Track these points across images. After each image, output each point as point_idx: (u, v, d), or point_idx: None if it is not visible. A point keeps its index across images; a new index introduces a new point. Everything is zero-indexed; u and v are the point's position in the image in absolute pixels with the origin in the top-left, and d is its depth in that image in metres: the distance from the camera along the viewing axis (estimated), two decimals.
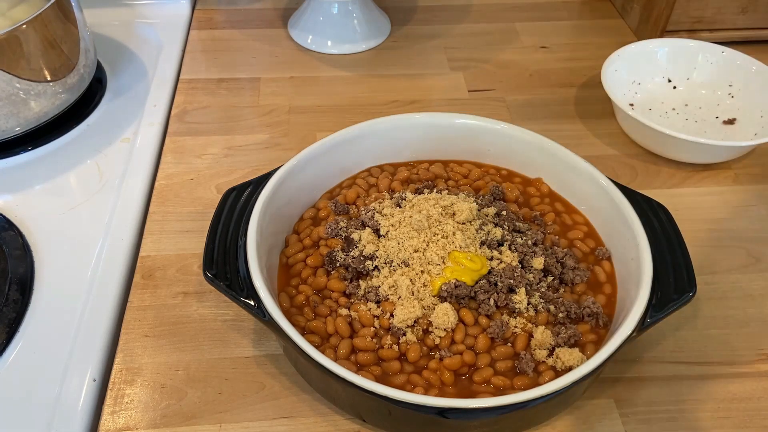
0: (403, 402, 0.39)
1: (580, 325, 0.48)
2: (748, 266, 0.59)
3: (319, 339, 0.47)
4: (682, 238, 0.49)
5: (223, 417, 0.47)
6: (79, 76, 0.70)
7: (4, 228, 0.59)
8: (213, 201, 0.54)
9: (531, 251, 0.50)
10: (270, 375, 0.50)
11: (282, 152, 0.69)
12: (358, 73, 0.81)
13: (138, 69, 0.80)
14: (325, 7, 0.84)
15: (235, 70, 0.81)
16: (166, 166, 0.67)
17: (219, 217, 0.50)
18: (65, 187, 0.65)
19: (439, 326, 0.46)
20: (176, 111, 0.74)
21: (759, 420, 0.48)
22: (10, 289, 0.54)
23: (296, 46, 0.85)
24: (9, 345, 0.51)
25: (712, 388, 0.50)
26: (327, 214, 0.55)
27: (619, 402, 0.49)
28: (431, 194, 0.54)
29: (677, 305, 0.45)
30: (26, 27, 0.61)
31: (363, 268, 0.49)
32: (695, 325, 0.54)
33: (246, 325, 0.53)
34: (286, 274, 0.52)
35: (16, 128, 0.66)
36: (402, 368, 0.45)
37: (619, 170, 0.68)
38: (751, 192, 0.66)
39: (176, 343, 0.52)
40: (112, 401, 0.48)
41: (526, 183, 0.59)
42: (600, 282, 0.51)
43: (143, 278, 0.56)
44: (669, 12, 0.81)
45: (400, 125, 0.59)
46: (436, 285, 0.47)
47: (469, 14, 0.92)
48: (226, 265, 0.47)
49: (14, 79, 0.62)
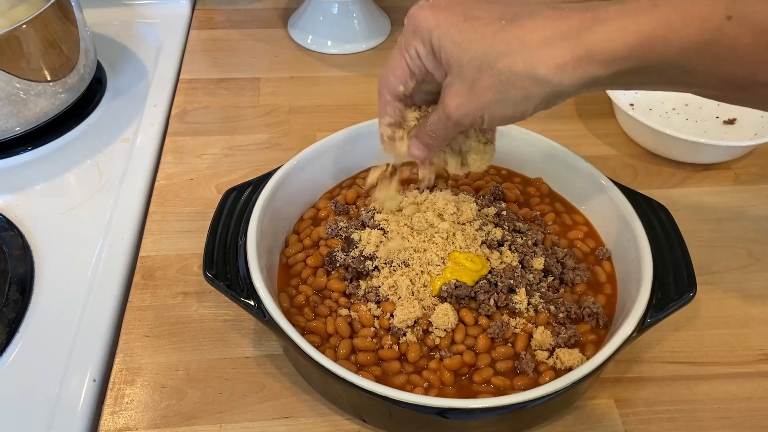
0: (403, 402, 0.39)
1: (580, 326, 0.48)
2: (748, 266, 0.59)
3: (319, 339, 0.47)
4: (682, 238, 0.49)
5: (223, 417, 0.47)
6: (79, 76, 0.70)
7: (4, 228, 0.59)
8: (213, 201, 0.54)
9: (531, 251, 0.50)
10: (270, 375, 0.50)
11: (282, 152, 0.69)
12: (358, 73, 0.81)
13: (138, 69, 0.80)
14: (325, 7, 0.84)
15: (235, 70, 0.81)
16: (166, 166, 0.67)
17: (219, 217, 0.50)
18: (65, 187, 0.65)
19: (439, 326, 0.46)
20: (176, 111, 0.74)
21: (759, 420, 0.48)
22: (10, 289, 0.54)
23: (296, 46, 0.85)
24: (9, 345, 0.51)
25: (712, 388, 0.50)
26: (327, 214, 0.55)
27: (619, 402, 0.49)
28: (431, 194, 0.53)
29: (677, 305, 0.45)
30: (26, 27, 0.61)
31: (363, 268, 0.49)
32: (695, 325, 0.54)
33: (246, 325, 0.53)
34: (286, 274, 0.52)
35: (16, 128, 0.66)
36: (402, 368, 0.45)
37: (619, 170, 0.68)
38: (751, 192, 0.66)
39: (176, 343, 0.52)
40: (112, 401, 0.48)
41: (526, 183, 0.59)
42: (600, 282, 0.51)
43: (143, 278, 0.56)
44: None
45: None
46: (436, 285, 0.47)
47: None
48: (226, 265, 0.47)
49: (14, 79, 0.62)
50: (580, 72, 0.36)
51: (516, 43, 0.37)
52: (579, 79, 0.36)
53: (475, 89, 0.38)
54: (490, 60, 0.37)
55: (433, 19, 0.39)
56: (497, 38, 0.37)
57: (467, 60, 0.38)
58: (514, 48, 0.37)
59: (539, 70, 0.36)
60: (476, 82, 0.38)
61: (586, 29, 0.35)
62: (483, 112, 0.39)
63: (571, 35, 0.36)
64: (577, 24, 0.36)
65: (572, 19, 0.36)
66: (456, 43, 0.38)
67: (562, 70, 0.36)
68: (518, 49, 0.37)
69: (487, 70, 0.37)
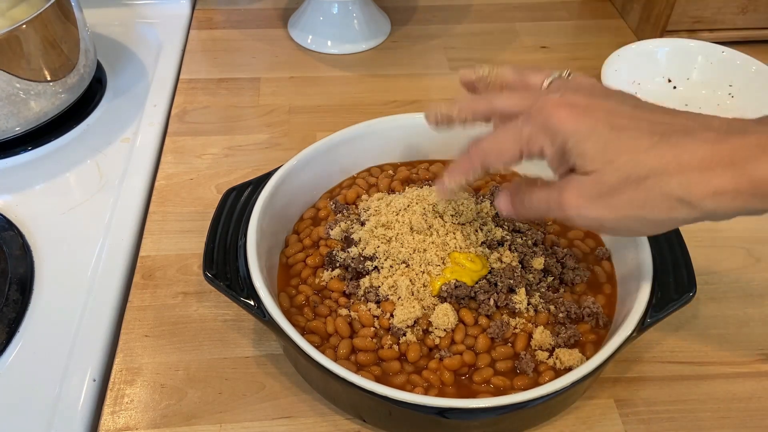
0: (403, 402, 0.39)
1: (580, 326, 0.48)
2: (748, 266, 0.59)
3: (319, 339, 0.47)
4: (682, 238, 0.49)
5: (223, 417, 0.47)
6: (79, 76, 0.70)
7: (4, 228, 0.59)
8: (213, 201, 0.54)
9: (531, 251, 0.50)
10: (270, 375, 0.50)
11: (282, 152, 0.69)
12: (358, 73, 0.81)
13: (138, 69, 0.80)
14: (325, 7, 0.84)
15: (235, 70, 0.81)
16: (166, 166, 0.67)
17: (219, 217, 0.50)
18: (65, 187, 0.65)
19: (439, 326, 0.46)
20: (176, 111, 0.74)
21: (759, 420, 0.48)
22: (10, 289, 0.54)
23: (296, 46, 0.85)
24: (9, 345, 0.51)
25: (712, 388, 0.50)
26: (327, 214, 0.55)
27: (619, 402, 0.49)
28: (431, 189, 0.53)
29: (677, 305, 0.45)
30: (26, 27, 0.61)
31: (363, 268, 0.49)
32: (695, 325, 0.54)
33: (246, 325, 0.53)
34: (286, 274, 0.52)
35: (16, 128, 0.66)
36: (402, 368, 0.45)
37: None
38: None
39: (176, 343, 0.52)
40: (112, 401, 0.48)
41: None
42: (600, 282, 0.51)
43: (143, 278, 0.56)
44: (669, 12, 0.81)
45: (400, 125, 0.59)
46: (436, 285, 0.47)
47: (469, 14, 0.92)
48: (226, 265, 0.47)
49: (14, 79, 0.62)
50: (738, 204, 0.34)
51: (673, 163, 0.34)
52: (734, 210, 0.34)
53: (610, 201, 0.36)
54: (640, 175, 0.35)
55: (572, 124, 0.36)
56: (651, 154, 0.35)
57: (612, 169, 0.35)
58: (670, 168, 0.34)
59: (694, 194, 0.34)
60: (614, 194, 0.36)
61: (753, 158, 0.33)
62: (609, 224, 0.37)
63: (734, 163, 0.33)
64: (743, 151, 0.33)
65: (733, 143, 0.33)
66: (602, 150, 0.36)
67: (719, 198, 0.34)
68: (675, 170, 0.34)
69: (633, 184, 0.35)
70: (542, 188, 0.40)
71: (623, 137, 0.35)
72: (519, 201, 0.42)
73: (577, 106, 0.37)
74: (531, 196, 0.41)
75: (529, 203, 0.41)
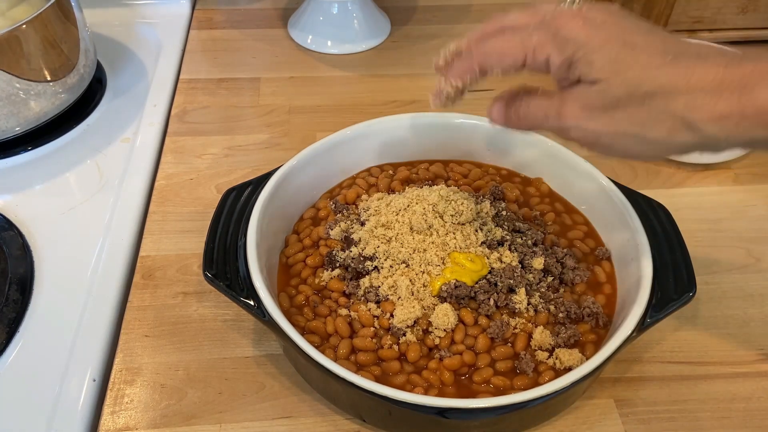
0: (403, 402, 0.39)
1: (580, 325, 0.48)
2: (748, 266, 0.59)
3: (318, 339, 0.47)
4: (682, 238, 0.49)
5: (223, 417, 0.47)
6: (79, 76, 0.70)
7: (4, 228, 0.59)
8: (213, 201, 0.54)
9: (531, 251, 0.50)
10: (270, 375, 0.50)
11: (282, 152, 0.69)
12: (358, 73, 0.81)
13: (138, 69, 0.80)
14: (325, 7, 0.84)
15: (235, 70, 0.81)
16: (166, 166, 0.67)
17: (219, 217, 0.50)
18: (65, 187, 0.65)
19: (438, 326, 0.46)
20: (176, 111, 0.74)
21: (759, 420, 0.48)
22: (10, 289, 0.54)
23: (296, 46, 0.85)
24: (9, 345, 0.51)
25: (712, 388, 0.50)
26: (327, 214, 0.55)
27: (619, 402, 0.49)
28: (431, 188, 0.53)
29: (677, 305, 0.45)
30: (26, 27, 0.61)
31: (363, 268, 0.49)
32: (695, 325, 0.54)
33: (246, 325, 0.53)
34: (286, 274, 0.52)
35: (16, 128, 0.66)
36: (402, 368, 0.45)
37: (619, 170, 0.68)
38: (751, 192, 0.66)
39: (176, 343, 0.52)
40: (112, 401, 0.48)
41: (526, 183, 0.59)
42: (600, 282, 0.51)
43: (143, 278, 0.56)
44: (669, 12, 0.81)
45: (400, 125, 0.59)
46: (435, 285, 0.47)
47: (469, 14, 0.92)
48: (226, 265, 0.47)
49: (14, 79, 0.62)
50: (741, 130, 0.33)
51: (683, 82, 0.34)
52: (735, 137, 0.34)
53: (612, 114, 0.36)
54: (648, 90, 0.34)
55: (585, 35, 0.36)
56: (661, 71, 0.34)
57: (619, 81, 0.35)
58: (679, 86, 0.34)
59: (698, 116, 0.33)
60: (617, 107, 0.35)
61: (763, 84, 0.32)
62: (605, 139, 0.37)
63: (744, 87, 0.32)
64: (754, 77, 0.32)
65: (745, 68, 0.33)
66: (612, 61, 0.35)
67: (722, 123, 0.33)
68: (684, 89, 0.34)
69: (638, 99, 0.35)
70: (542, 97, 0.39)
71: (636, 53, 0.35)
72: (514, 110, 0.41)
73: (593, 21, 0.36)
74: (528, 105, 0.40)
75: (526, 112, 0.40)
